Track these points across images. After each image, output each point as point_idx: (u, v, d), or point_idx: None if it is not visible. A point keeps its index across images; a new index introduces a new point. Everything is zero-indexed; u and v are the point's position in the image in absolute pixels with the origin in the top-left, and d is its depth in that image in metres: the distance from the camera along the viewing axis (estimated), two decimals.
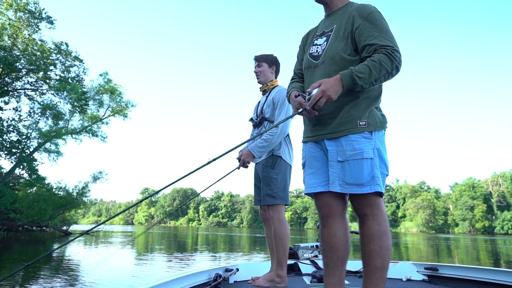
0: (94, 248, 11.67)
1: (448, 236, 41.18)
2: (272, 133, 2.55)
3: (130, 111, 26.62)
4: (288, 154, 2.66)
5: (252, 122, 2.82)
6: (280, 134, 2.56)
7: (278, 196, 2.54)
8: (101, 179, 23.82)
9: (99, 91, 24.40)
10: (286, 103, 2.60)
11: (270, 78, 2.79)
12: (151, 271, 6.23)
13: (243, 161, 2.60)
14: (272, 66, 2.79)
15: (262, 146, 2.55)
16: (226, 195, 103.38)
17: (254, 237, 23.47)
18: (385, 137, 1.61)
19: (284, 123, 2.54)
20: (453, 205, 70.65)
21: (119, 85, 25.88)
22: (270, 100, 2.67)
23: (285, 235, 2.49)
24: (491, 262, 9.87)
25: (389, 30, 1.56)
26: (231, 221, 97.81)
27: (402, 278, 2.63)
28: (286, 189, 2.59)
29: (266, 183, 2.57)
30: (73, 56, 21.13)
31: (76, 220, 27.58)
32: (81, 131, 24.11)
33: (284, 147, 2.64)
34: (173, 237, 21.18)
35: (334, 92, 1.47)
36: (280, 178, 2.57)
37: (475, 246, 18.49)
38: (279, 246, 2.48)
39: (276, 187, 2.54)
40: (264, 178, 2.59)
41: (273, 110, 2.64)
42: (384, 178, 1.56)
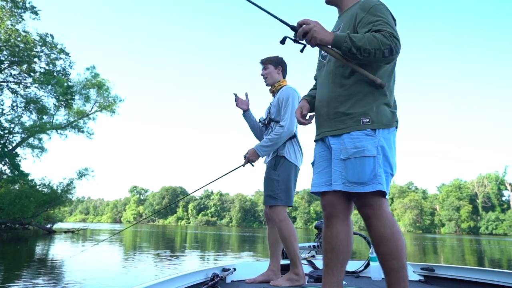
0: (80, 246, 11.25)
1: (435, 236, 41.69)
2: (277, 132, 2.55)
3: (118, 107, 26.27)
4: (293, 154, 2.63)
5: (261, 124, 2.86)
6: (285, 134, 2.55)
7: (279, 197, 2.53)
8: (86, 176, 23.36)
9: (85, 86, 23.89)
10: (290, 101, 2.59)
11: (278, 79, 2.81)
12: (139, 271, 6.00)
13: (248, 159, 2.62)
14: (278, 67, 2.81)
15: (266, 146, 2.57)
16: (215, 194, 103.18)
17: (244, 236, 23.30)
18: (394, 136, 1.57)
19: (290, 121, 2.54)
20: (439, 206, 71.70)
21: (107, 79, 25.50)
22: (275, 101, 2.70)
23: (289, 233, 2.46)
24: (475, 261, 9.99)
25: (391, 20, 1.54)
26: (220, 220, 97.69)
27: None
28: (288, 190, 2.56)
29: (267, 184, 2.59)
30: (59, 49, 20.44)
31: (61, 218, 26.93)
32: (67, 127, 23.52)
33: (289, 147, 2.62)
34: (162, 236, 20.82)
35: (320, 33, 1.48)
36: (281, 179, 2.56)
37: (461, 246, 18.76)
38: (287, 246, 2.47)
39: (277, 188, 2.54)
40: (266, 179, 2.62)
41: (278, 110, 2.65)
42: (389, 177, 1.51)
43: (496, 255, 12.68)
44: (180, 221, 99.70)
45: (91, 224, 34.95)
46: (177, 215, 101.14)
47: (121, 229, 9.88)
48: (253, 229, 60.79)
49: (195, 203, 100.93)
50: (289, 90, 2.66)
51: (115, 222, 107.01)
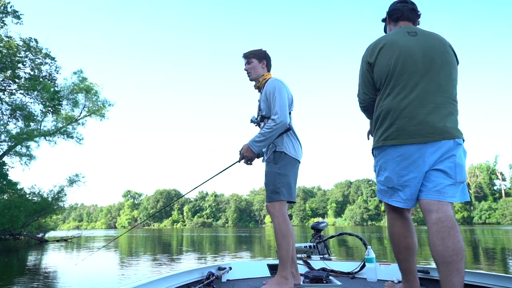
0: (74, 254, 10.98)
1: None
2: (269, 126, 2.42)
3: (107, 111, 25.80)
4: (292, 148, 2.52)
5: (254, 123, 2.72)
6: (278, 127, 2.41)
7: (281, 191, 2.41)
8: (77, 183, 22.95)
9: (73, 90, 23.43)
10: (277, 93, 2.46)
11: (262, 73, 2.68)
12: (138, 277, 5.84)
13: (242, 155, 2.52)
14: (262, 60, 2.69)
15: (259, 141, 2.44)
16: (210, 195, 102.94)
17: (240, 237, 23.16)
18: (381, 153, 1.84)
19: (281, 113, 2.39)
20: None
21: (95, 83, 25.00)
22: (263, 95, 2.57)
23: (288, 233, 2.37)
24: (471, 252, 10.00)
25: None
26: (216, 221, 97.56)
27: (394, 280, 2.51)
28: (290, 185, 2.45)
29: (269, 179, 2.47)
30: (44, 54, 19.99)
31: (53, 227, 26.44)
32: (55, 133, 23.06)
33: (286, 141, 2.51)
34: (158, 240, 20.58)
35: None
36: (283, 173, 2.45)
37: None
38: (280, 243, 2.36)
39: (279, 182, 2.42)
40: (267, 173, 2.50)
41: (268, 105, 2.52)
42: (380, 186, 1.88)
43: (490, 245, 12.78)
44: (175, 224, 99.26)
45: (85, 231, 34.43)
46: (173, 218, 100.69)
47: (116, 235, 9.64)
48: (250, 229, 60.68)
49: (190, 205, 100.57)
50: (275, 82, 2.53)
51: (110, 228, 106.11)
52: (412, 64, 1.77)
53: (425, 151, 1.70)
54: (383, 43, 1.85)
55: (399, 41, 1.82)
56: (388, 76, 1.81)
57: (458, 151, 1.74)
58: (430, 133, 1.69)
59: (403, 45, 1.80)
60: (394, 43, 1.82)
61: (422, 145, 1.70)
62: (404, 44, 1.81)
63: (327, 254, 3.36)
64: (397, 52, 1.80)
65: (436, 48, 1.79)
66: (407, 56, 1.78)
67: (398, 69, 1.78)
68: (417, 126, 1.71)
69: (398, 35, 1.86)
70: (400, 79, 1.78)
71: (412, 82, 1.76)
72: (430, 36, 1.84)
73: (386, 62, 1.82)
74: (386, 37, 1.89)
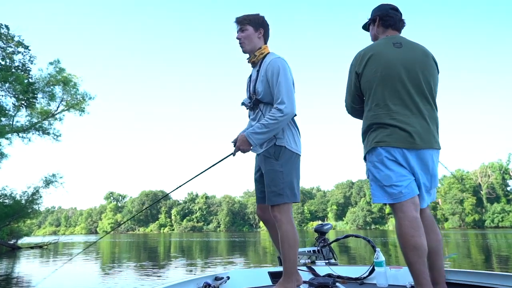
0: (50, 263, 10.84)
1: None
2: (274, 116, 2.23)
3: (87, 105, 25.59)
4: (293, 141, 2.36)
5: (245, 107, 2.50)
6: (285, 118, 2.24)
7: (285, 193, 2.26)
8: (54, 183, 22.71)
9: (49, 82, 23.13)
10: (283, 76, 2.27)
11: (258, 45, 2.44)
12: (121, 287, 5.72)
13: (237, 147, 2.34)
14: (259, 29, 2.44)
15: (261, 133, 2.26)
16: (200, 196, 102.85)
17: (233, 242, 23.13)
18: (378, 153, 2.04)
19: (289, 102, 2.23)
20: (442, 199, 73.10)
21: (74, 75, 24.74)
22: (263, 75, 2.34)
23: (296, 241, 2.24)
24: (482, 258, 10.08)
25: None
26: (207, 225, 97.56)
27: (406, 285, 2.52)
28: (294, 184, 2.31)
29: (270, 178, 2.30)
30: (16, 42, 19.69)
31: (27, 232, 26.18)
32: (29, 129, 22.79)
33: (287, 133, 2.34)
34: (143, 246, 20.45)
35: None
36: (286, 171, 2.29)
37: (466, 242, 19.07)
38: (288, 254, 2.24)
39: (282, 182, 2.27)
40: (267, 172, 2.32)
41: (267, 87, 2.32)
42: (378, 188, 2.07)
43: (503, 250, 12.86)
44: (162, 228, 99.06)
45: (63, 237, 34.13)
46: (159, 222, 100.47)
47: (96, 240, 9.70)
48: (243, 233, 60.78)
49: (178, 208, 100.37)
50: (279, 61, 2.32)
51: (90, 233, 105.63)
52: (397, 75, 2.03)
53: (413, 157, 2.00)
54: (370, 54, 2.09)
55: (385, 52, 2.08)
56: (374, 86, 2.06)
57: (434, 161, 2.08)
58: (418, 142, 1.99)
59: (389, 56, 2.06)
60: (381, 55, 2.07)
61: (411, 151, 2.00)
62: (390, 56, 2.06)
63: (332, 259, 3.34)
64: (382, 63, 2.05)
65: (420, 60, 2.08)
66: (392, 67, 2.04)
67: (384, 81, 2.04)
68: (409, 133, 1.98)
69: (384, 46, 2.11)
70: (386, 90, 2.04)
71: (400, 92, 2.03)
72: (414, 48, 2.12)
73: (373, 73, 2.06)
74: (373, 47, 2.12)
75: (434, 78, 2.11)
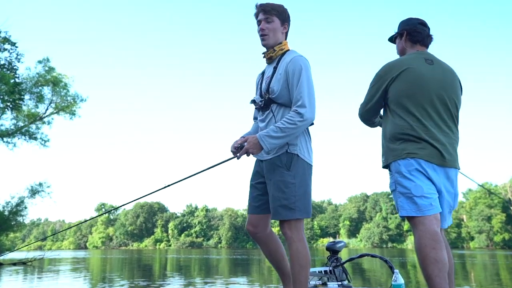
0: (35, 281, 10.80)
1: (463, 252, 41.85)
2: (292, 120, 2.19)
3: (79, 108, 25.83)
4: (306, 150, 2.34)
5: (255, 105, 2.50)
6: (305, 124, 2.22)
7: (297, 207, 2.22)
8: (41, 193, 22.84)
9: (37, 82, 23.37)
10: (305, 75, 2.24)
11: (280, 40, 2.42)
12: None
13: (246, 150, 2.25)
14: (285, 24, 2.44)
15: (277, 137, 2.21)
16: (200, 209, 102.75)
17: (236, 260, 22.99)
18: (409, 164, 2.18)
19: (312, 107, 2.22)
20: (467, 216, 72.28)
21: (64, 75, 25.05)
22: (281, 73, 2.31)
23: (307, 261, 2.21)
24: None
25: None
26: (207, 241, 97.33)
27: None
28: (306, 197, 2.28)
29: (280, 190, 2.25)
30: (2, 38, 19.97)
31: (10, 247, 26.24)
32: (15, 133, 22.96)
33: (301, 140, 2.32)
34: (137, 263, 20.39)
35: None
36: (298, 183, 2.26)
37: (495, 264, 18.76)
38: (298, 275, 2.18)
39: (294, 195, 2.23)
40: (277, 183, 2.28)
41: (285, 86, 2.29)
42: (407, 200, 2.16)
43: None
44: (158, 244, 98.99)
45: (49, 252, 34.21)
46: (155, 237, 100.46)
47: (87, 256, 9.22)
48: (247, 250, 60.51)
49: (176, 222, 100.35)
50: (302, 60, 2.30)
51: (79, 248, 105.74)
52: (430, 92, 2.23)
53: (441, 174, 2.19)
54: (405, 67, 2.26)
55: (419, 68, 2.26)
56: (407, 99, 2.24)
57: (456, 180, 2.29)
58: (446, 159, 2.18)
59: (423, 72, 2.25)
60: (415, 70, 2.25)
61: (440, 167, 2.19)
62: (424, 72, 2.25)
63: (346, 280, 3.33)
64: (417, 78, 2.23)
65: (450, 80, 2.30)
66: (425, 84, 2.23)
67: (417, 95, 2.22)
68: (439, 150, 2.17)
69: (417, 62, 2.29)
70: (419, 104, 2.22)
71: (429, 109, 2.22)
72: (444, 68, 2.34)
73: (407, 86, 2.24)
74: (407, 62, 2.30)
75: (459, 99, 2.34)
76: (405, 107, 2.23)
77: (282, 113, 2.31)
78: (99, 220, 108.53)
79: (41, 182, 23.13)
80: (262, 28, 2.37)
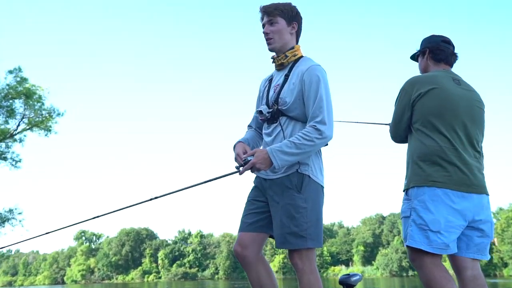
0: None
1: (495, 281, 41.52)
2: (309, 135, 2.20)
3: (55, 123, 25.78)
4: (319, 171, 2.38)
5: (261, 116, 2.47)
6: (322, 142, 2.27)
7: (309, 235, 2.24)
8: (11, 221, 22.70)
9: (8, 95, 23.44)
10: (324, 88, 2.27)
11: (290, 44, 2.44)
12: None
13: (252, 164, 2.23)
14: (292, 23, 2.44)
15: (290, 153, 2.20)
16: (194, 235, 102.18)
17: None
18: (434, 194, 2.23)
19: (331, 124, 2.26)
20: (498, 239, 71.67)
21: (39, 86, 25.15)
22: (294, 82, 2.32)
23: None
24: None
25: None
26: (203, 272, 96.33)
27: None
28: (318, 224, 2.32)
29: (289, 215, 2.25)
30: None
31: None
32: None
33: (313, 159, 2.35)
34: None
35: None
36: (310, 207, 2.28)
37: None
38: None
39: (306, 221, 2.24)
40: (287, 207, 2.27)
41: (299, 98, 2.30)
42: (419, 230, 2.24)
43: None
44: (147, 276, 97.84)
45: None
46: (143, 268, 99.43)
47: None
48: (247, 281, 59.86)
49: (167, 250, 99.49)
50: (320, 70, 2.32)
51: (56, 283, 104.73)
52: (460, 113, 2.35)
53: (471, 202, 2.24)
54: (434, 85, 2.37)
55: (449, 87, 2.39)
56: (436, 119, 2.34)
57: (489, 207, 2.37)
58: (475, 185, 2.27)
59: (453, 93, 2.38)
60: (445, 89, 2.37)
61: (470, 194, 2.25)
62: (454, 92, 2.38)
63: None
64: (447, 98, 2.35)
65: (477, 103, 2.46)
66: (455, 104, 2.35)
67: (448, 116, 2.33)
68: (468, 176, 2.26)
69: (446, 80, 2.42)
70: (449, 125, 2.32)
71: (459, 131, 2.33)
72: (471, 90, 2.50)
73: (437, 105, 2.34)
74: (435, 80, 2.41)
75: (484, 122, 2.51)
76: (435, 126, 2.32)
77: (292, 128, 2.33)
78: (78, 250, 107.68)
79: (11, 208, 23.06)
80: (266, 31, 2.40)
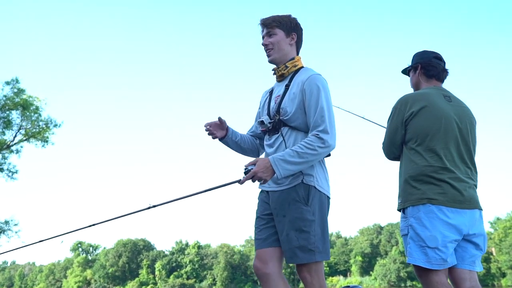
0: None
1: None
2: (312, 144, 2.20)
3: (52, 134, 25.78)
4: (324, 181, 2.38)
5: (261, 127, 2.50)
6: (325, 151, 2.26)
7: (317, 249, 2.22)
8: (7, 232, 22.57)
9: (5, 106, 23.44)
10: (324, 98, 2.29)
11: (290, 55, 2.47)
12: None
13: (254, 173, 2.20)
14: (291, 34, 2.47)
15: (293, 162, 2.19)
16: (191, 246, 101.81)
17: None
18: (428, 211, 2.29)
19: (334, 133, 2.28)
20: (496, 248, 71.49)
21: (36, 97, 25.17)
22: (294, 92, 2.35)
23: None
24: None
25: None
26: (200, 283, 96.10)
27: None
28: (326, 237, 2.30)
29: (297, 229, 2.24)
30: None
31: None
32: None
33: (318, 169, 2.34)
34: None
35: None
36: (318, 220, 2.27)
37: None
38: None
39: (314, 234, 2.23)
40: (295, 221, 2.25)
41: (300, 108, 2.31)
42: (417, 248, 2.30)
43: None
44: (144, 287, 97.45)
45: None
46: (140, 279, 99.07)
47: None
48: None
49: (164, 261, 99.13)
50: (321, 80, 2.34)
51: None
52: (451, 131, 2.39)
53: (465, 217, 2.30)
54: (425, 104, 2.41)
55: (440, 105, 2.43)
56: (429, 138, 2.37)
57: (482, 221, 2.44)
58: (468, 201, 2.33)
59: (444, 110, 2.42)
60: (437, 107, 2.41)
61: (463, 210, 2.31)
62: (445, 110, 2.42)
63: None
64: (439, 117, 2.39)
65: (468, 119, 2.51)
66: (447, 123, 2.39)
67: (440, 134, 2.37)
68: (461, 192, 2.31)
69: (437, 98, 2.46)
70: (441, 144, 2.36)
71: (452, 149, 2.38)
72: (462, 106, 2.55)
73: (429, 124, 2.38)
74: (427, 97, 2.45)
75: (475, 138, 2.54)
76: (427, 145, 2.36)
77: (294, 138, 2.33)
78: (75, 261, 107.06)
79: (7, 219, 22.94)
80: (264, 43, 2.43)
